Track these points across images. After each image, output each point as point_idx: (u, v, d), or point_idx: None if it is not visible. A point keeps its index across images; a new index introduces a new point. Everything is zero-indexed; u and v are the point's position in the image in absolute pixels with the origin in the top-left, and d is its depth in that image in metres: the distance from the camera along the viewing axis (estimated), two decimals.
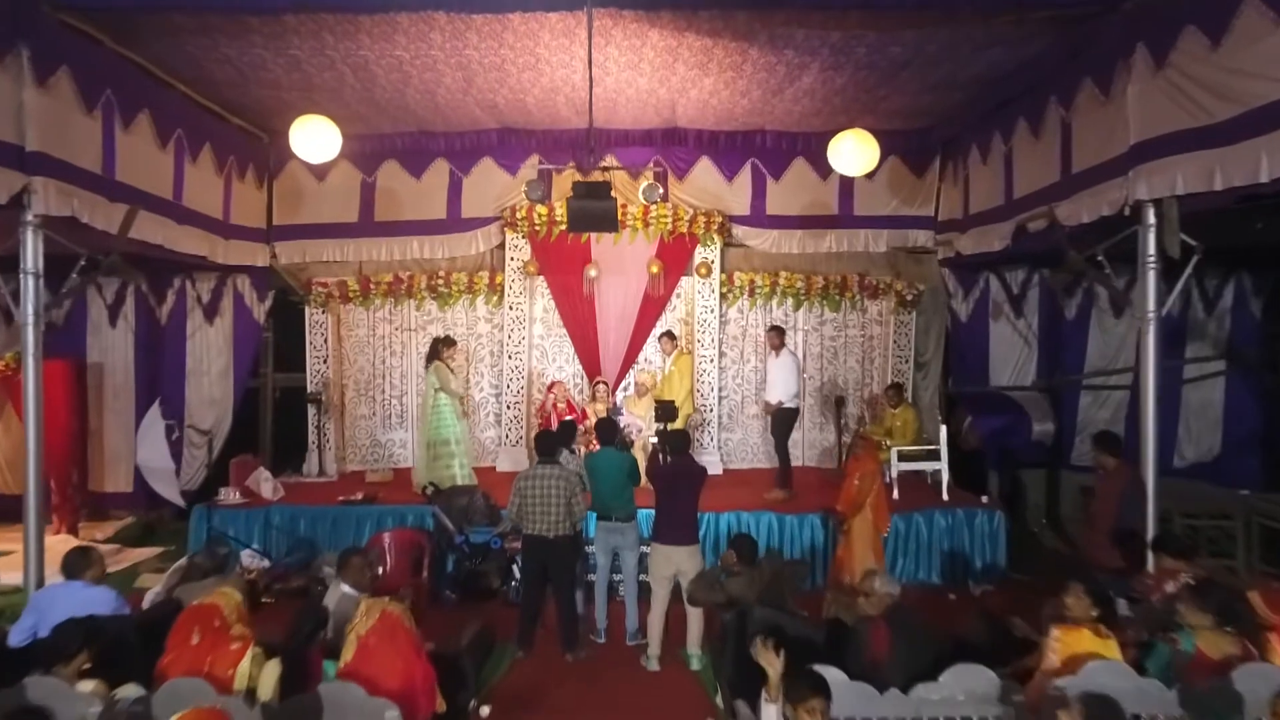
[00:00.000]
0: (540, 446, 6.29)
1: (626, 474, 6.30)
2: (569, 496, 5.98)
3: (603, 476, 6.32)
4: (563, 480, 6.00)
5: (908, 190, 10.55)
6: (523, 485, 6.09)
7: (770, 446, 10.54)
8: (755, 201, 10.54)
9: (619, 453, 6.43)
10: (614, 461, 6.33)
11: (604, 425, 6.59)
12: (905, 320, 10.67)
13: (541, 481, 6.04)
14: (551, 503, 5.98)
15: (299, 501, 8.25)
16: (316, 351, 10.39)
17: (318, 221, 10.41)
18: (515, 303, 10.29)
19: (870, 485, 6.50)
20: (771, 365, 9.08)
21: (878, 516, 6.52)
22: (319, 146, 7.01)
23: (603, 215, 7.14)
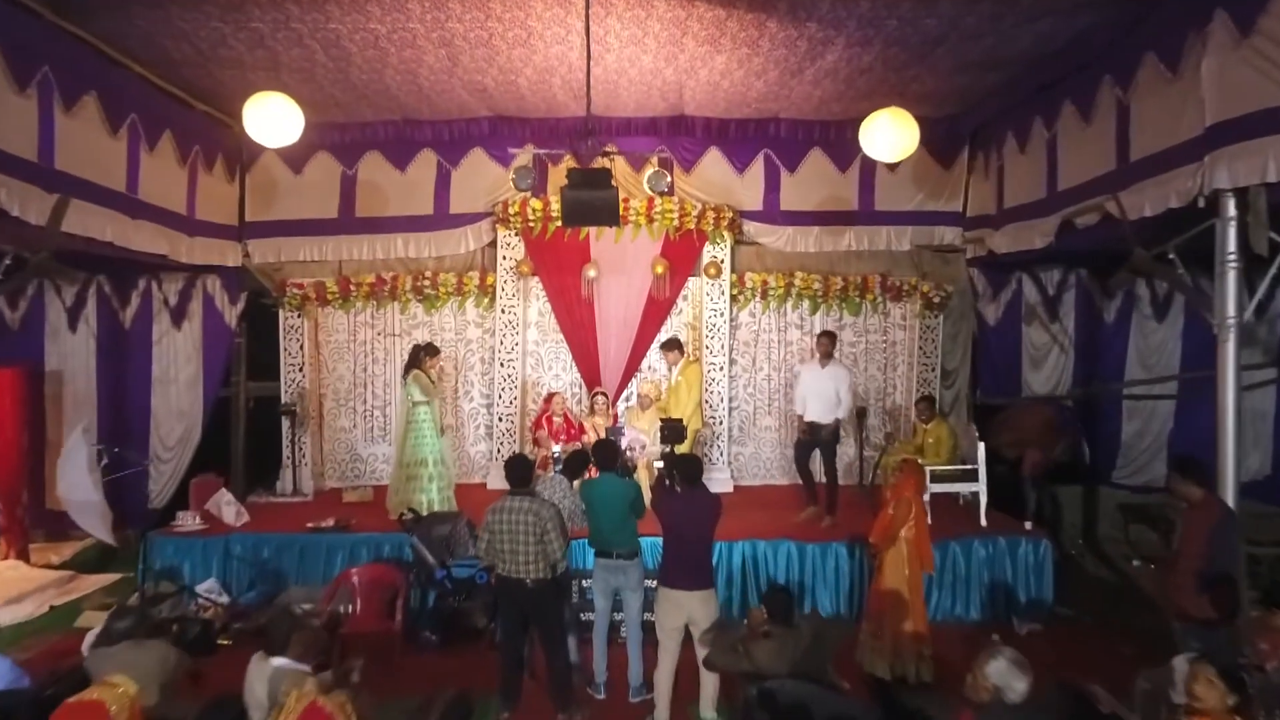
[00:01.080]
0: (510, 473, 5.43)
1: (629, 505, 5.47)
2: (541, 534, 5.14)
3: (602, 508, 5.49)
4: (533, 515, 5.15)
5: (933, 183, 9.75)
6: (491, 520, 5.27)
7: (783, 460, 9.80)
8: (768, 196, 9.73)
9: (620, 480, 5.59)
10: (614, 490, 5.50)
11: (603, 449, 5.77)
12: (931, 324, 9.84)
13: (511, 516, 5.20)
14: (520, 540, 5.15)
15: (264, 528, 7.42)
16: (291, 359, 9.57)
17: (294, 217, 9.63)
18: (508, 306, 9.48)
19: (905, 514, 5.68)
20: (818, 376, 8.06)
21: (916, 551, 5.69)
22: (278, 128, 6.19)
23: (602, 207, 6.29)
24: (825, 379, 8.00)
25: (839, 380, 8.01)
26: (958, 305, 9.88)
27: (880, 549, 5.76)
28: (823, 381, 7.99)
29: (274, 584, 6.92)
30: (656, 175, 7.53)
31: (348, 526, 7.30)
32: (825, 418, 7.92)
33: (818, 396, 7.95)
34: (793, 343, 9.88)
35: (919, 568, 5.71)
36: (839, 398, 7.93)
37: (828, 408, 7.91)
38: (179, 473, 9.43)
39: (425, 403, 7.86)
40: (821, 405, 7.91)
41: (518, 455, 5.57)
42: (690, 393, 8.30)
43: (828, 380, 7.98)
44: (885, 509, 5.84)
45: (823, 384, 7.98)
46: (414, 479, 7.69)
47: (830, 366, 8.12)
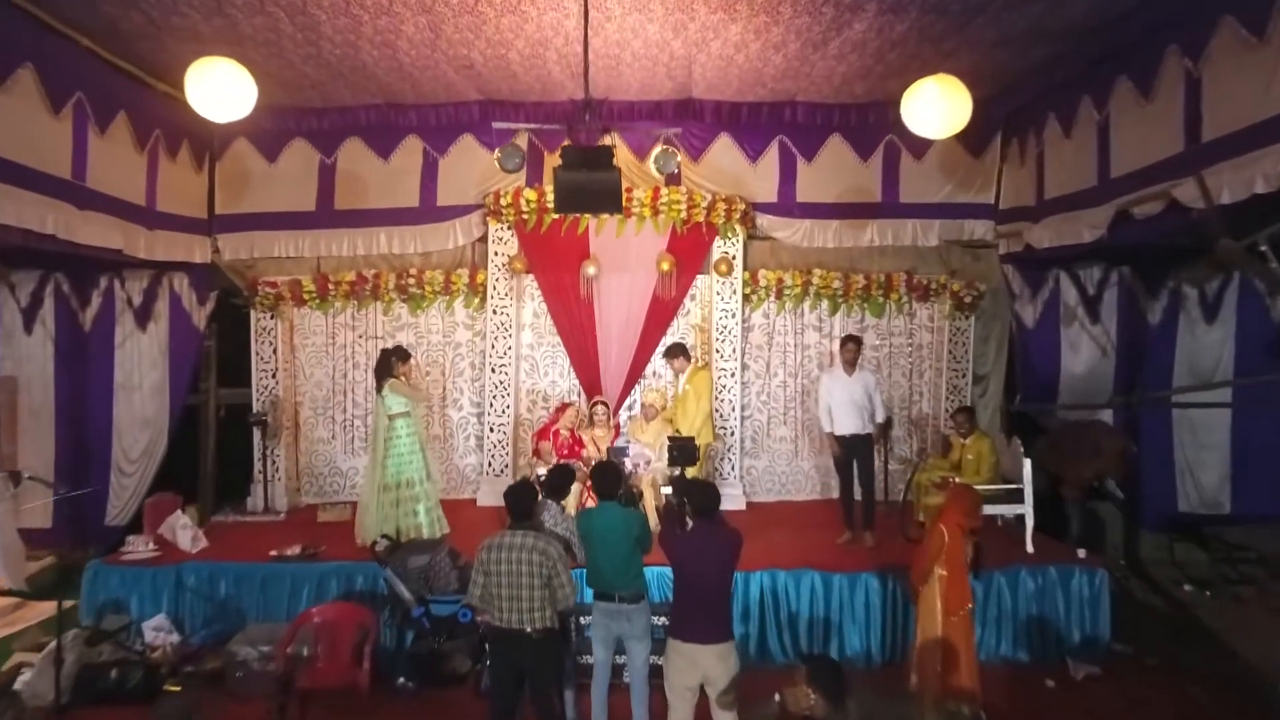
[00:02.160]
0: (511, 504, 4.63)
1: (633, 539, 4.67)
2: (549, 576, 4.33)
3: (602, 543, 4.69)
4: (539, 554, 4.33)
5: (963, 173, 8.96)
6: (486, 559, 4.43)
7: (799, 475, 9.01)
8: (783, 186, 8.94)
9: (623, 510, 4.78)
10: (617, 522, 4.70)
11: (603, 475, 4.94)
12: (962, 326, 9.04)
13: (511, 554, 4.39)
14: (523, 584, 4.33)
15: (223, 555, 6.62)
16: (264, 364, 8.79)
17: (268, 210, 8.87)
18: (500, 306, 8.69)
19: (938, 546, 4.85)
20: (845, 385, 7.33)
21: (950, 590, 4.86)
22: (226, 99, 5.37)
23: (601, 191, 5.48)
24: (854, 387, 7.28)
25: (869, 386, 7.31)
26: (990, 306, 9.08)
27: (917, 586, 4.96)
28: (851, 390, 7.27)
29: (231, 621, 6.12)
30: (665, 155, 6.74)
31: (315, 554, 6.49)
32: (861, 428, 7.22)
33: (848, 407, 7.23)
34: (810, 346, 9.09)
35: (957, 608, 4.89)
36: (871, 403, 7.23)
37: (861, 417, 7.21)
38: (143, 487, 8.66)
39: (405, 414, 7.07)
40: (854, 416, 7.21)
41: (521, 482, 4.72)
42: (700, 402, 7.51)
43: (856, 388, 7.27)
44: (927, 541, 5.03)
45: (852, 392, 7.25)
46: (403, 501, 6.89)
47: (858, 374, 7.40)
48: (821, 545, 7.12)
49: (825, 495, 9.06)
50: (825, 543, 7.22)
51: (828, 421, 7.39)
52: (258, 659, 5.53)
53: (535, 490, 4.61)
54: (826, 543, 7.21)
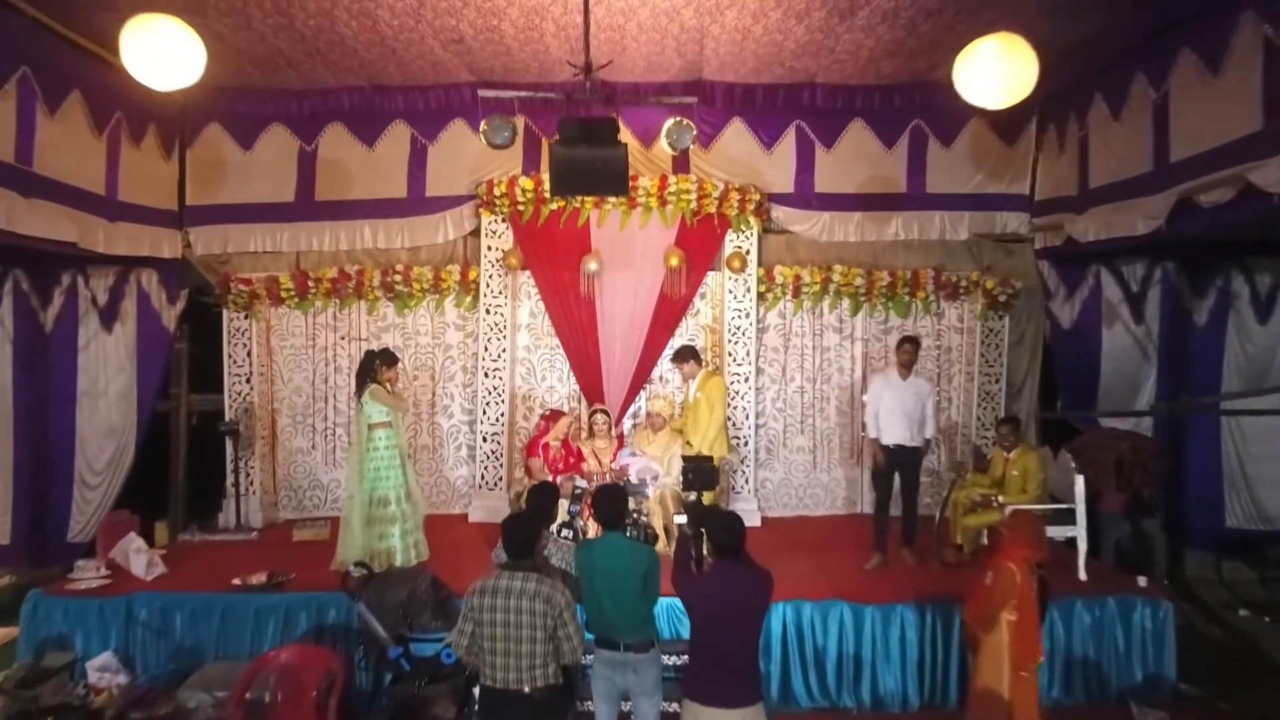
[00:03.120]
0: (509, 538, 3.81)
1: (642, 579, 3.98)
2: (554, 627, 3.64)
3: (605, 583, 3.99)
4: (541, 601, 3.61)
5: (995, 161, 8.30)
6: (478, 604, 3.70)
7: (817, 488, 8.33)
8: (801, 176, 8.26)
9: (630, 545, 4.09)
10: (623, 558, 4.00)
11: (607, 500, 4.14)
12: (996, 327, 8.33)
13: (509, 601, 3.62)
14: (522, 636, 3.62)
15: (181, 584, 5.91)
16: (237, 368, 8.11)
17: (243, 201, 8.20)
18: (494, 305, 8.00)
19: (1009, 588, 4.17)
20: (900, 390, 6.69)
21: (1020, 640, 4.18)
22: (167, 64, 4.66)
23: (605, 170, 4.77)
24: (905, 393, 6.64)
25: (923, 394, 6.68)
26: (1024, 305, 8.38)
27: (977, 632, 4.26)
28: (903, 396, 6.63)
29: (187, 660, 5.43)
30: (678, 128, 6.04)
31: (283, 583, 5.80)
32: (911, 440, 6.60)
33: (900, 415, 6.60)
34: (830, 348, 8.39)
35: (1026, 661, 4.20)
36: (925, 415, 6.62)
37: (910, 427, 6.59)
38: (109, 500, 8.03)
39: (386, 424, 6.38)
40: (902, 425, 6.59)
41: (519, 515, 3.95)
42: (713, 412, 6.81)
43: (908, 395, 6.63)
44: (984, 577, 4.33)
45: (903, 399, 6.62)
46: (375, 522, 6.20)
47: (913, 379, 6.75)
48: (848, 569, 6.43)
49: (846, 510, 8.40)
50: (852, 566, 6.53)
51: (874, 427, 6.74)
52: (213, 705, 4.85)
53: (536, 523, 3.88)
54: (853, 566, 6.52)
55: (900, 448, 6.60)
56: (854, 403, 8.38)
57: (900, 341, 6.90)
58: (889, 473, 6.69)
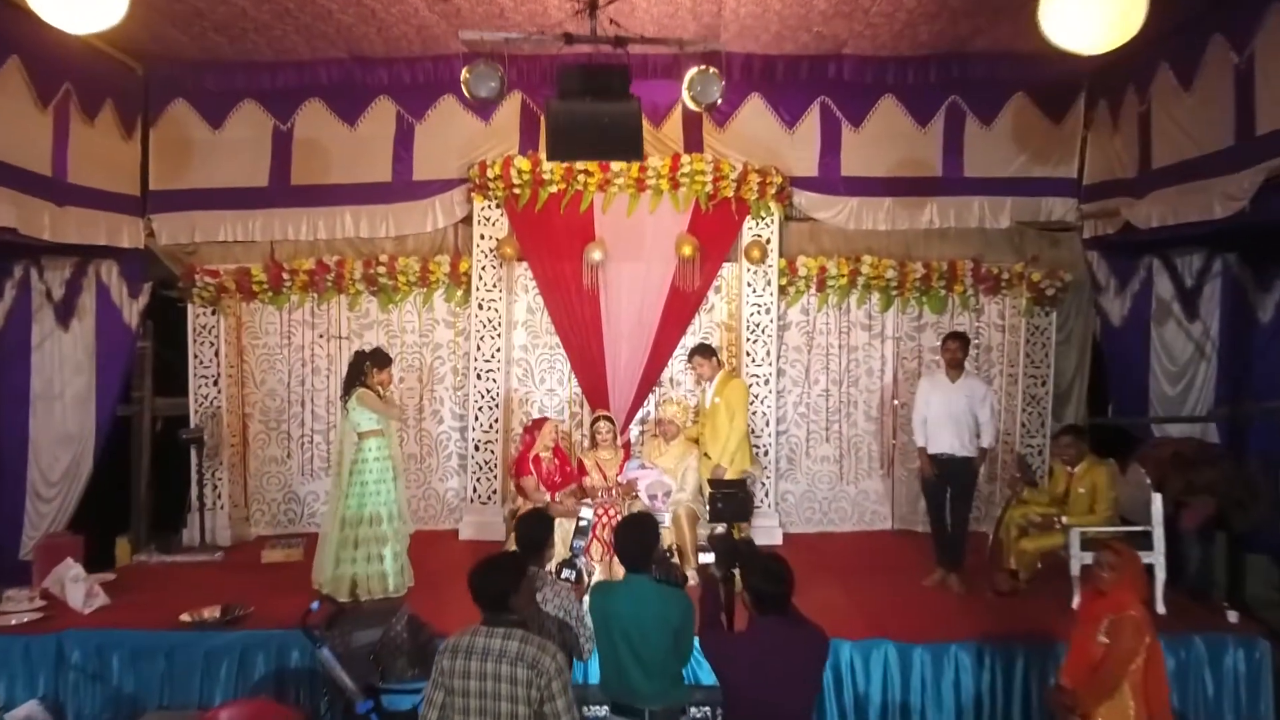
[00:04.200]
0: (477, 592, 3.01)
1: (673, 632, 3.20)
2: (540, 700, 2.82)
3: (627, 636, 3.21)
4: (527, 666, 2.81)
5: (1040, 142, 7.55)
6: (448, 667, 2.91)
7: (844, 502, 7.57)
8: (825, 158, 7.52)
9: (659, 589, 3.30)
10: (650, 607, 3.22)
11: (634, 534, 3.40)
12: (1042, 324, 7.55)
13: (484, 665, 2.85)
14: (503, 711, 2.83)
15: (123, 618, 5.13)
16: (203, 369, 7.35)
17: (212, 186, 7.48)
18: (487, 300, 7.25)
19: (1134, 646, 3.39)
20: (947, 393, 6.00)
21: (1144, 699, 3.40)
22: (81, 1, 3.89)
23: (614, 128, 3.99)
24: (957, 397, 5.94)
25: (976, 397, 5.95)
26: (1070, 300, 7.61)
27: (1086, 703, 3.45)
28: (954, 400, 5.94)
29: (125, 709, 4.67)
30: (703, 77, 5.24)
31: (239, 618, 5.02)
32: (959, 449, 5.91)
33: (948, 421, 5.93)
34: (858, 348, 7.62)
35: None
36: (978, 421, 5.91)
37: (961, 435, 5.90)
38: (65, 513, 7.29)
39: (378, 432, 5.62)
40: (954, 433, 5.91)
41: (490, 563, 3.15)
42: (734, 420, 6.03)
43: (959, 398, 5.92)
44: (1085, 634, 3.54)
45: (954, 404, 5.93)
46: (364, 543, 5.45)
47: (964, 380, 6.03)
48: (886, 598, 5.68)
49: (875, 525, 7.63)
50: (889, 593, 5.78)
51: (921, 435, 6.08)
52: None
53: (516, 571, 3.11)
54: (891, 593, 5.77)
55: (950, 459, 5.90)
56: (883, 407, 7.63)
57: (945, 339, 6.17)
58: (939, 486, 6.02)
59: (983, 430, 5.92)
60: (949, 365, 6.03)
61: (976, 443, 5.91)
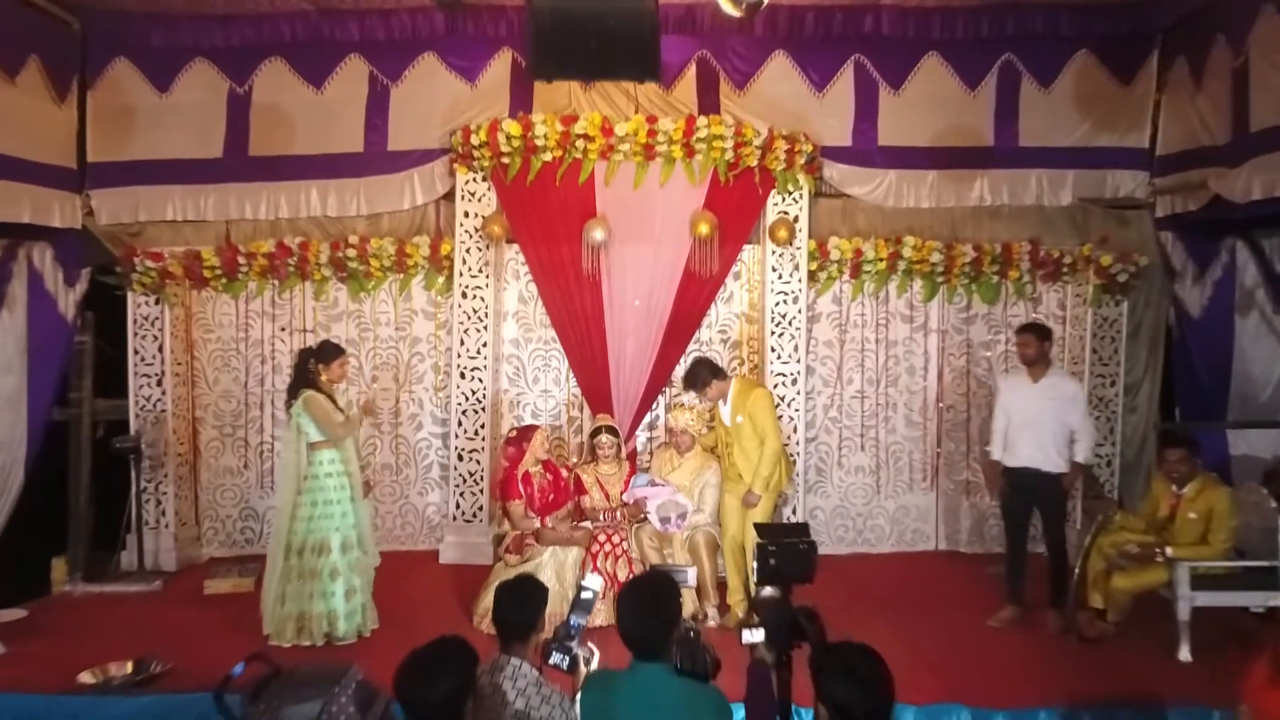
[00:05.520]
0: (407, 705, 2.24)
1: None
2: None
3: None
4: None
5: (1106, 106, 6.63)
6: None
7: (883, 517, 6.62)
8: (861, 125, 6.60)
9: (682, 683, 2.30)
10: (670, 709, 2.29)
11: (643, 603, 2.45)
12: (1111, 315, 6.60)
13: None
14: None
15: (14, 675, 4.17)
16: (145, 366, 6.41)
17: (159, 157, 6.53)
18: (472, 287, 6.30)
19: None
20: (1028, 396, 5.06)
21: None
22: None
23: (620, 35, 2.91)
24: (1037, 400, 5.00)
25: (1065, 400, 4.99)
26: (1141, 289, 6.64)
27: None
28: (1033, 404, 5.01)
29: None
30: None
31: (151, 677, 4.07)
32: (1044, 462, 4.95)
33: (1027, 428, 5.02)
34: (898, 343, 6.67)
35: None
36: (1068, 430, 4.95)
37: (1046, 446, 4.96)
38: None
39: (329, 442, 4.67)
40: (1037, 443, 4.99)
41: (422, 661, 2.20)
42: (768, 442, 4.88)
43: (1043, 402, 4.98)
44: None
45: (1033, 408, 5.00)
46: (310, 578, 4.49)
47: (1050, 379, 5.08)
48: (947, 641, 4.76)
49: (916, 546, 6.70)
50: (950, 636, 4.85)
51: (998, 445, 5.17)
52: None
53: (462, 671, 2.16)
54: (952, 636, 4.84)
55: (1033, 474, 4.97)
56: (926, 411, 6.68)
57: (1020, 330, 5.26)
58: (1020, 506, 5.10)
59: (1080, 441, 4.96)
60: (1025, 363, 5.09)
61: (1068, 455, 4.95)
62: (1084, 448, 5.00)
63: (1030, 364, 5.05)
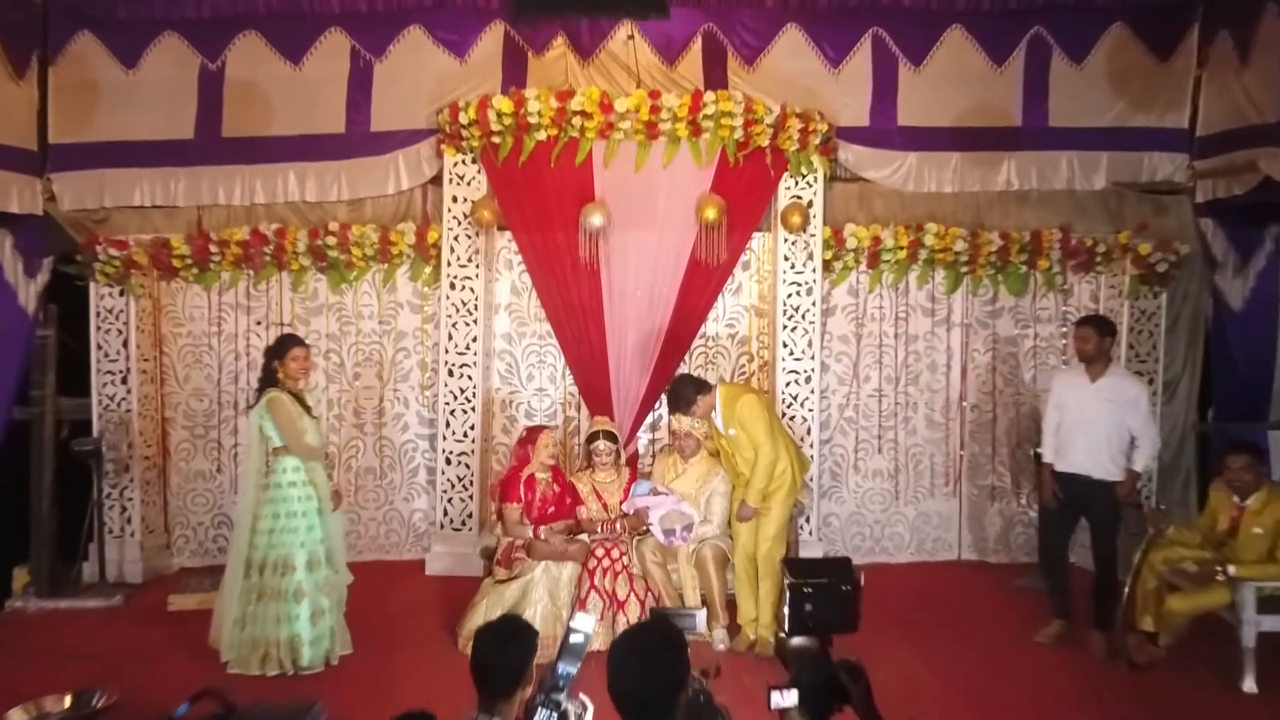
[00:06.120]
0: None
1: None
2: None
3: None
4: None
5: (1143, 84, 6.20)
6: None
7: (903, 524, 6.19)
8: (879, 104, 6.16)
9: None
10: None
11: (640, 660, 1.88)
12: (1149, 308, 6.14)
13: None
14: None
15: None
16: (109, 362, 5.95)
17: (126, 138, 6.07)
18: (461, 278, 5.86)
19: None
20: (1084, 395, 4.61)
21: None
22: None
23: None
24: (1095, 400, 4.56)
25: (1124, 400, 4.53)
26: (1181, 279, 6.19)
27: None
28: (1090, 403, 4.57)
29: None
30: None
31: (92, 714, 3.61)
32: (1098, 470, 4.52)
33: (1082, 430, 4.59)
34: (918, 337, 6.22)
35: None
36: (1127, 435, 4.51)
37: (1101, 453, 4.52)
38: None
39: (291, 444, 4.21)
40: (1090, 447, 4.55)
41: None
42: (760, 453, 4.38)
43: (1100, 403, 4.54)
44: None
45: (1090, 407, 4.56)
46: (270, 599, 4.04)
47: (1110, 378, 4.61)
48: (979, 665, 4.33)
49: (937, 555, 6.27)
50: (983, 659, 4.43)
51: (1050, 446, 4.72)
52: None
53: None
54: (985, 660, 4.41)
55: (1084, 481, 4.53)
56: (949, 411, 6.24)
57: (1078, 324, 4.85)
58: (1067, 514, 4.67)
59: (1140, 447, 4.52)
60: (1083, 360, 4.64)
61: (1123, 462, 4.50)
62: (1144, 455, 4.55)
63: (1089, 361, 4.60)
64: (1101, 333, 4.58)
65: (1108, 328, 4.67)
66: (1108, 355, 4.65)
